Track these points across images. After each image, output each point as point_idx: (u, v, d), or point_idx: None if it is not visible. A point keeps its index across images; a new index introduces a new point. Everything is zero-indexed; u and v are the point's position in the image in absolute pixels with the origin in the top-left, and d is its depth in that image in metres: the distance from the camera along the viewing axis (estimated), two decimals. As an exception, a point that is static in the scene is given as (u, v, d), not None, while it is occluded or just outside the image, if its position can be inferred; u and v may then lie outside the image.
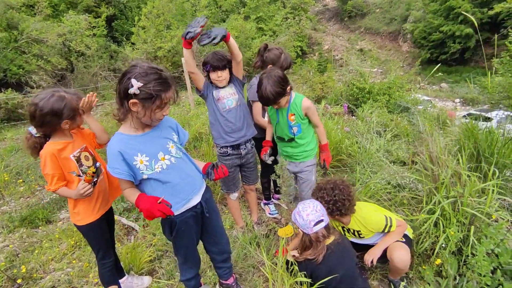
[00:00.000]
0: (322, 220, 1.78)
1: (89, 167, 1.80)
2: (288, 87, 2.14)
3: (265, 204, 3.25)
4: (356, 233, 2.10)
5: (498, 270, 2.00)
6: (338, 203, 1.92)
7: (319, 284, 1.75)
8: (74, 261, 2.55)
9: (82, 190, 1.66)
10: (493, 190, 2.21)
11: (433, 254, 2.19)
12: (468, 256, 2.07)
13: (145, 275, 2.31)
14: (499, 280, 1.95)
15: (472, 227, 2.05)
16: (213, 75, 2.29)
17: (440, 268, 2.19)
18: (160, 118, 1.49)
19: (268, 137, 2.57)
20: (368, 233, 2.06)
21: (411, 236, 2.13)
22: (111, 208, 1.99)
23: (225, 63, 2.30)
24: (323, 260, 1.77)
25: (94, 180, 1.75)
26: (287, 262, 1.96)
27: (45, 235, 2.93)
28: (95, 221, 1.81)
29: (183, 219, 1.63)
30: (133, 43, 10.19)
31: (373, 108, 5.72)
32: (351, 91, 6.88)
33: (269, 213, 3.16)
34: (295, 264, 1.87)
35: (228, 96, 2.38)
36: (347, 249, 1.87)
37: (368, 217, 2.03)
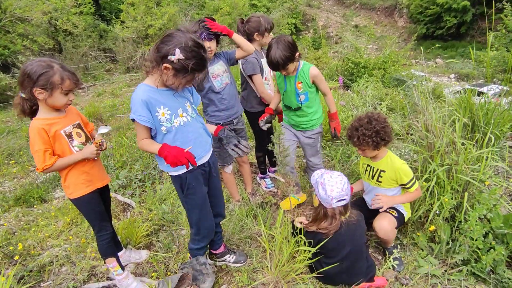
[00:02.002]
0: (344, 199, 1.77)
1: (81, 143, 1.76)
2: (297, 53, 2.14)
3: (261, 178, 3.26)
4: (377, 175, 2.09)
5: (490, 234, 2.04)
6: (381, 133, 1.91)
7: (322, 255, 1.79)
8: (71, 238, 2.56)
9: (90, 148, 1.72)
10: (487, 157, 2.23)
11: (427, 221, 2.23)
12: (460, 222, 2.10)
13: (143, 248, 2.33)
14: (490, 243, 2.00)
15: (466, 193, 2.07)
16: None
17: (434, 234, 2.23)
18: (182, 88, 1.58)
19: (272, 105, 2.55)
20: (389, 181, 2.05)
21: (407, 216, 2.15)
22: (107, 186, 1.96)
23: (213, 33, 2.22)
24: (333, 234, 1.78)
25: (98, 150, 1.75)
26: (293, 229, 2.00)
27: (40, 214, 2.92)
28: (86, 195, 1.79)
29: (193, 174, 1.68)
30: (122, 22, 9.83)
31: (368, 83, 5.67)
32: (346, 66, 6.78)
33: (265, 187, 3.17)
34: (297, 231, 1.91)
35: (222, 74, 2.34)
36: (359, 225, 1.87)
37: (399, 164, 2.02)
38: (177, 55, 1.39)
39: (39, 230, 2.68)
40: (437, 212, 2.14)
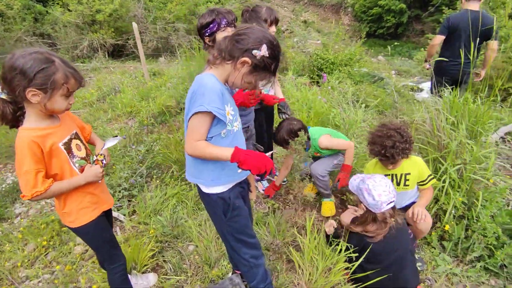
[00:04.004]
0: (392, 201, 1.69)
1: (82, 158, 1.42)
2: (291, 145, 2.28)
3: (257, 181, 3.09)
4: (403, 180, 2.07)
5: (499, 230, 2.15)
6: (411, 141, 1.94)
7: (365, 261, 1.70)
8: (50, 265, 2.12)
9: (94, 170, 1.40)
10: (488, 155, 2.36)
11: (439, 220, 2.29)
12: (469, 219, 2.19)
13: (149, 272, 2.02)
14: (503, 239, 2.11)
15: (480, 192, 2.15)
16: (224, 34, 1.88)
17: (443, 233, 2.29)
18: (244, 89, 1.45)
19: (278, 181, 2.75)
20: (415, 181, 2.06)
21: None
22: (110, 208, 1.63)
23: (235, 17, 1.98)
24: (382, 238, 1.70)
25: (103, 171, 1.43)
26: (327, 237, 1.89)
27: (2, 236, 2.39)
28: (93, 221, 1.46)
29: (235, 192, 1.45)
30: (64, 4, 8.64)
31: (340, 79, 5.79)
32: (315, 62, 6.85)
33: (262, 190, 3.01)
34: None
35: None
36: (405, 230, 1.80)
37: (419, 160, 2.08)
38: (263, 51, 1.22)
39: (6, 258, 2.19)
40: (453, 212, 2.20)
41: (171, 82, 5.74)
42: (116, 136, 1.55)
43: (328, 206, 2.58)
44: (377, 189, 1.67)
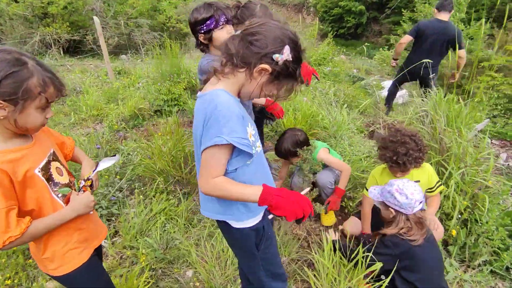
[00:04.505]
0: (423, 201, 1.60)
1: (65, 185, 1.13)
2: (300, 154, 2.23)
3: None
4: None
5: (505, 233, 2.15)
6: (424, 152, 1.87)
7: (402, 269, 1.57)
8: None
9: (84, 199, 1.13)
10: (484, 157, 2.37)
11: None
12: (471, 223, 2.18)
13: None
14: (508, 242, 2.12)
15: (486, 196, 2.13)
16: (221, 33, 1.68)
17: (447, 238, 2.26)
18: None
19: None
20: (423, 187, 1.96)
21: None
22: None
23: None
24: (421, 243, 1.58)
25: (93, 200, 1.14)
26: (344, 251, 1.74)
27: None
28: (84, 264, 1.16)
29: (267, 220, 1.24)
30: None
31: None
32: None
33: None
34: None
35: None
36: (433, 236, 1.69)
37: (428, 166, 2.03)
38: (286, 54, 0.96)
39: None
40: (459, 216, 2.17)
41: (141, 82, 5.32)
42: (115, 155, 1.26)
43: (329, 214, 2.46)
44: (408, 188, 1.58)
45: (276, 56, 0.96)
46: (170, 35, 11.15)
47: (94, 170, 1.20)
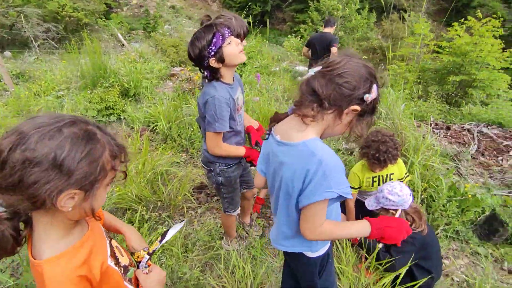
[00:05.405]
0: (411, 193, 1.80)
1: (130, 265, 0.96)
2: None
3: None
4: (388, 179, 2.22)
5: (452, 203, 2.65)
6: (399, 150, 2.08)
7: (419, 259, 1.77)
8: None
9: (157, 276, 0.98)
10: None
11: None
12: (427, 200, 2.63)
13: None
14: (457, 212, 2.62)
15: (442, 178, 2.58)
16: (231, 47, 1.51)
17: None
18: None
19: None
20: (396, 179, 2.22)
21: None
22: None
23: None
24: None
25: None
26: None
27: None
28: None
29: (331, 247, 1.29)
30: None
31: (254, 73, 5.82)
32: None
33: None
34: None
35: (242, 105, 1.80)
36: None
37: (399, 160, 2.24)
38: (374, 93, 0.97)
39: None
40: (421, 196, 2.58)
41: (61, 90, 4.53)
42: (183, 220, 1.10)
43: None
44: (395, 187, 1.79)
45: (366, 97, 0.96)
46: (66, 27, 9.63)
47: (161, 241, 1.04)
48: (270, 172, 1.15)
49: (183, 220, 1.16)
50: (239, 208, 2.08)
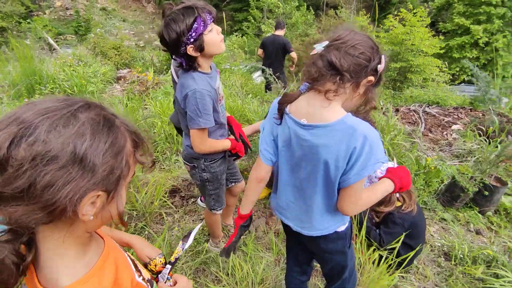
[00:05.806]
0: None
1: (152, 278, 0.83)
2: None
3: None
4: None
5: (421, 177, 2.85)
6: (374, 124, 2.15)
7: (408, 238, 1.82)
8: None
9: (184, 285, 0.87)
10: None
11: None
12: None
13: None
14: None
15: (411, 154, 2.75)
16: (212, 35, 1.37)
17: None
18: None
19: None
20: None
21: None
22: None
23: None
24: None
25: None
26: None
27: None
28: None
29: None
30: None
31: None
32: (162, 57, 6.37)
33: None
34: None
35: (221, 89, 1.67)
36: None
37: None
38: (383, 63, 0.98)
39: None
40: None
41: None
42: (191, 232, 0.96)
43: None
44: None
45: (379, 67, 0.97)
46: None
47: (183, 247, 0.90)
48: (293, 158, 1.09)
49: (192, 230, 0.99)
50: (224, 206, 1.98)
